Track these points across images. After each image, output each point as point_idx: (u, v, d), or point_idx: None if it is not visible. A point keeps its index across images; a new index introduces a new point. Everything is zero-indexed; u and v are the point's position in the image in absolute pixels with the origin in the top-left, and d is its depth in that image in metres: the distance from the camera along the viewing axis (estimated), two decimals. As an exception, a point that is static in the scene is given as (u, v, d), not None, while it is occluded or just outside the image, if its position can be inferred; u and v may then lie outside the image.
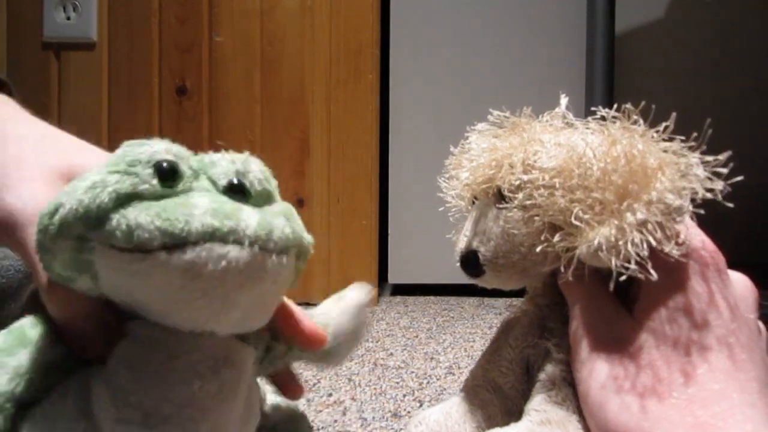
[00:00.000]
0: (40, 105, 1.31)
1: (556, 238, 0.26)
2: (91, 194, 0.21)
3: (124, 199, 0.21)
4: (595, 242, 0.24)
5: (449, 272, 1.37)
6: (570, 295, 0.28)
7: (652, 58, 1.45)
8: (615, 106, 0.27)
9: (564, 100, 0.31)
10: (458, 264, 0.31)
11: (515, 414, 0.28)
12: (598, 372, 0.25)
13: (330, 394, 0.71)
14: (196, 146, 0.26)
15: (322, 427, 0.61)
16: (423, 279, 1.35)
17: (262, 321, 0.26)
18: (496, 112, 0.31)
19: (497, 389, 0.30)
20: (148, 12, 1.29)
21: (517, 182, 0.27)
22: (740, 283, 0.27)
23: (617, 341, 0.25)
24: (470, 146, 0.32)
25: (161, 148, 0.23)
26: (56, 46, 1.31)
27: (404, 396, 0.73)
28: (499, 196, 0.29)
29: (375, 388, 0.76)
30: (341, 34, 1.28)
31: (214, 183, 0.24)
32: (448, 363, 0.86)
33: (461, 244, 0.31)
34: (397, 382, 0.78)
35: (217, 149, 0.25)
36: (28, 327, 0.25)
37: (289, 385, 0.33)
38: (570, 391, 0.26)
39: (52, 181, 0.27)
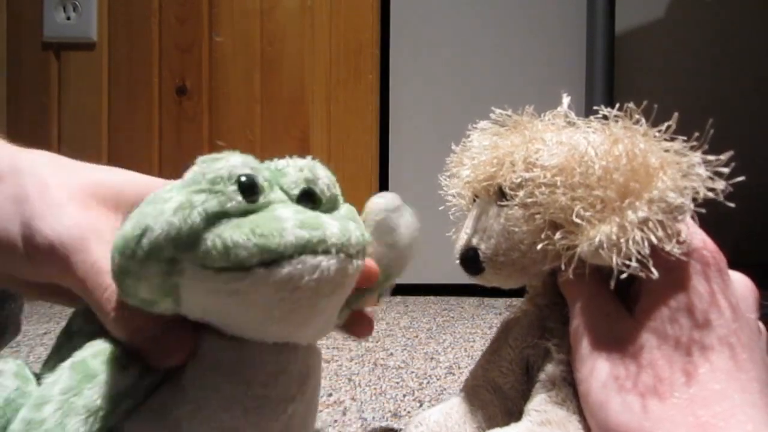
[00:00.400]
0: (40, 105, 1.31)
1: (557, 236, 0.26)
2: (180, 215, 0.21)
3: (213, 218, 0.21)
4: (596, 240, 0.24)
5: (449, 272, 1.36)
6: (570, 294, 0.28)
7: (652, 58, 1.45)
8: (617, 105, 0.27)
9: (566, 100, 0.31)
10: (458, 261, 0.31)
11: (515, 414, 0.28)
12: (599, 371, 0.25)
13: (330, 394, 0.71)
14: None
15: (322, 428, 0.61)
16: (423, 279, 1.35)
17: (334, 324, 0.27)
18: (498, 111, 0.31)
19: (497, 389, 0.30)
20: (148, 12, 1.29)
21: (519, 180, 0.27)
22: (741, 283, 0.27)
23: (618, 340, 0.25)
24: (471, 144, 0.32)
25: (239, 162, 0.23)
26: (56, 46, 1.31)
27: (404, 396, 0.73)
28: (500, 194, 0.29)
29: (375, 388, 0.76)
30: (341, 34, 1.28)
31: (286, 193, 0.24)
32: (448, 363, 0.86)
33: (461, 241, 0.31)
34: (397, 382, 0.78)
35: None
36: (90, 358, 0.24)
37: (357, 325, 0.30)
38: (570, 391, 0.26)
39: (83, 201, 0.26)
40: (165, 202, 0.22)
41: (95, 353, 0.24)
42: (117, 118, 1.31)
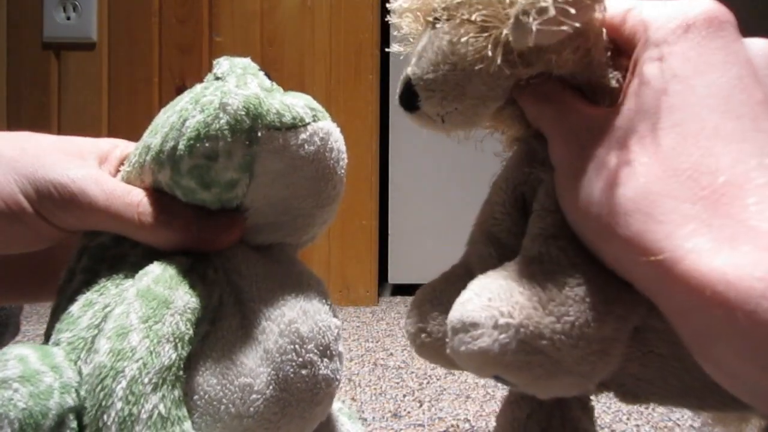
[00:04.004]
0: (40, 105, 1.31)
1: (479, 29, 0.23)
2: (243, 90, 0.25)
3: (265, 91, 0.26)
4: (514, 10, 0.21)
5: (449, 272, 1.36)
6: (532, 114, 0.25)
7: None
8: None
9: None
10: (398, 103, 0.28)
11: None
12: (578, 174, 0.22)
13: (330, 394, 0.72)
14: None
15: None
16: (423, 279, 1.34)
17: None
18: None
19: (494, 241, 0.28)
20: (148, 12, 1.29)
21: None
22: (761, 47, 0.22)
23: (591, 133, 0.22)
24: None
25: (247, 60, 0.29)
26: (56, 46, 1.31)
27: (404, 396, 0.73)
28: (435, 18, 0.26)
29: (375, 388, 0.76)
30: (341, 34, 1.28)
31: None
32: (448, 363, 0.86)
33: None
34: (397, 382, 0.78)
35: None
36: (153, 285, 0.23)
37: None
38: (562, 217, 0.24)
39: (61, 152, 0.26)
40: (223, 85, 0.26)
41: (156, 280, 0.24)
42: (117, 118, 1.31)
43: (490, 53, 0.23)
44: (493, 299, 0.21)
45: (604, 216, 0.21)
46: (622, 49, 0.24)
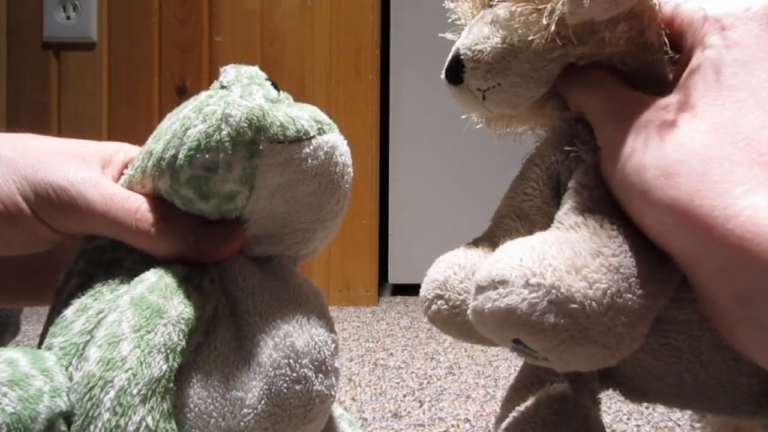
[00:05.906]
0: (40, 105, 1.31)
1: (538, 8, 0.23)
2: (247, 101, 0.25)
3: (269, 102, 0.26)
4: None
5: (449, 272, 1.36)
6: (577, 95, 0.25)
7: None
8: None
9: None
10: (443, 76, 0.28)
11: None
12: (628, 147, 0.22)
13: (330, 395, 0.72)
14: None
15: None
16: (423, 279, 1.35)
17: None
18: None
19: (522, 216, 0.27)
20: (148, 12, 1.29)
21: None
22: None
23: (645, 112, 0.23)
24: None
25: (254, 69, 0.28)
26: (56, 46, 1.31)
27: (404, 396, 0.73)
28: (489, 3, 0.27)
29: (375, 388, 0.76)
30: (341, 34, 1.28)
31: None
32: (449, 363, 0.86)
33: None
34: (397, 382, 0.78)
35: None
36: (148, 293, 0.23)
37: None
38: (603, 193, 0.23)
39: (61, 155, 0.26)
40: (227, 95, 0.25)
41: (150, 288, 0.23)
42: (117, 118, 1.31)
43: (544, 21, 0.23)
44: (525, 260, 0.21)
45: (652, 179, 0.21)
46: (671, 41, 0.25)
